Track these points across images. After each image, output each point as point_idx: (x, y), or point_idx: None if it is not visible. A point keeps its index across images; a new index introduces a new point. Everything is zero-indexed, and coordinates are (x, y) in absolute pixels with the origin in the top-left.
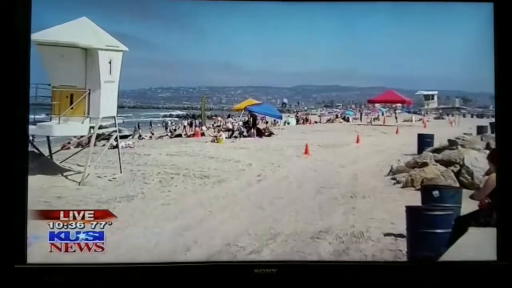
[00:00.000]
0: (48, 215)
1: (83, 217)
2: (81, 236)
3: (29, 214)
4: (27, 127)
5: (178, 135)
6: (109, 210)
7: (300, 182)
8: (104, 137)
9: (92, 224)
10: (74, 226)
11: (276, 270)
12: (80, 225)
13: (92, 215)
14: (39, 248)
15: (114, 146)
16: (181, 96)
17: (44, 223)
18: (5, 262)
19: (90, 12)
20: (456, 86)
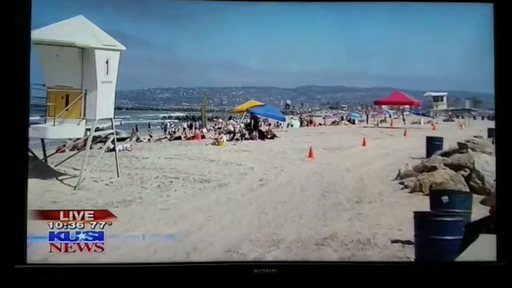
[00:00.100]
0: (48, 215)
1: (83, 217)
2: (81, 236)
3: (29, 214)
4: (27, 127)
5: (178, 137)
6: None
7: (304, 186)
8: (101, 139)
9: (91, 224)
10: (74, 226)
11: (276, 270)
12: (80, 225)
13: (92, 215)
14: (39, 248)
15: (111, 149)
16: (181, 97)
17: (44, 223)
18: (5, 262)
19: (90, 11)
20: (466, 87)
